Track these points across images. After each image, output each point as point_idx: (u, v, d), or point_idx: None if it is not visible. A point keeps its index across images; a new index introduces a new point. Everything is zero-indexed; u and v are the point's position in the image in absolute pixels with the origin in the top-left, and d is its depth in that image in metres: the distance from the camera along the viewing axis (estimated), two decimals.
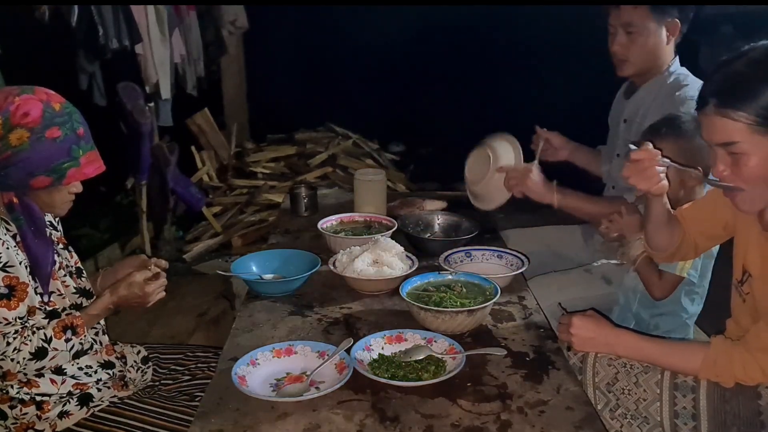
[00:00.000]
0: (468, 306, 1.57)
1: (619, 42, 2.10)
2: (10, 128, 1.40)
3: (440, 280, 1.74)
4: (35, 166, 1.43)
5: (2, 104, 1.40)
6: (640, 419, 1.49)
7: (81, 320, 1.54)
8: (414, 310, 1.59)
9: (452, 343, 1.48)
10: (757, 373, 1.36)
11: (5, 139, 1.40)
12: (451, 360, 1.43)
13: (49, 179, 1.45)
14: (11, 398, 1.52)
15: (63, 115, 1.45)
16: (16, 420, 1.53)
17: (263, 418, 1.27)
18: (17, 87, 1.45)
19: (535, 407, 1.30)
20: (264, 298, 1.78)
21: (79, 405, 1.59)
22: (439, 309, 1.55)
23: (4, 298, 1.42)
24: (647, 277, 1.81)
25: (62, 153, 1.45)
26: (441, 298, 1.62)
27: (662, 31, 2.07)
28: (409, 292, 1.66)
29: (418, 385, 1.35)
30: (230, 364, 1.40)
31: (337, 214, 2.24)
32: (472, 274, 1.76)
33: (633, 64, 2.12)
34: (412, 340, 1.52)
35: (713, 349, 1.41)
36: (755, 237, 1.45)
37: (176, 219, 4.30)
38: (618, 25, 2.09)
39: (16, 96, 1.42)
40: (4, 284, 1.42)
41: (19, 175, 1.43)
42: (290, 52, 5.66)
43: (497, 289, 1.65)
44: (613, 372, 1.52)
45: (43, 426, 1.55)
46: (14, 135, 1.40)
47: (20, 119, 1.40)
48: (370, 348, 1.48)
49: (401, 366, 1.42)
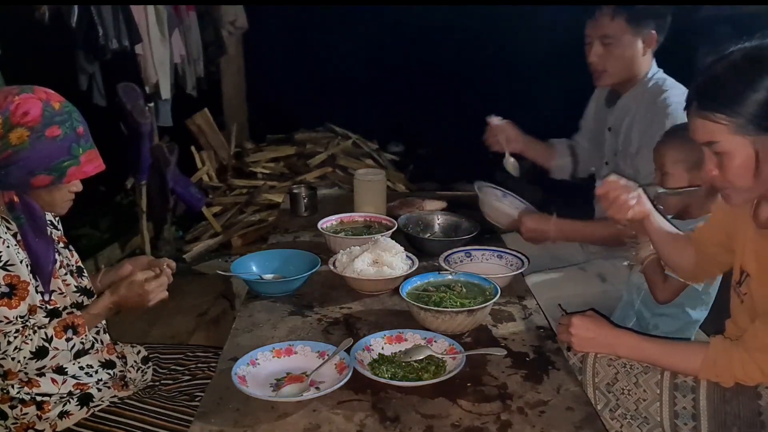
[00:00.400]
0: (468, 306, 1.57)
1: (596, 53, 2.11)
2: (10, 127, 1.40)
3: (440, 280, 1.74)
4: (36, 165, 1.43)
5: (2, 103, 1.40)
6: (640, 419, 1.49)
7: (82, 320, 1.54)
8: (414, 310, 1.59)
9: (452, 343, 1.48)
10: (756, 373, 1.36)
11: (5, 138, 1.40)
12: (451, 360, 1.43)
13: (49, 178, 1.46)
14: (11, 398, 1.52)
15: (63, 114, 1.45)
16: (17, 420, 1.53)
17: (263, 418, 1.27)
18: (16, 87, 1.45)
19: (535, 407, 1.30)
20: (264, 298, 1.78)
21: (80, 405, 1.58)
22: (439, 309, 1.55)
23: (5, 297, 1.42)
24: (653, 279, 1.81)
25: (62, 151, 1.45)
26: (441, 298, 1.62)
27: (638, 42, 2.08)
28: (409, 292, 1.66)
29: (418, 385, 1.35)
30: (230, 364, 1.40)
31: (337, 214, 2.24)
32: (472, 274, 1.76)
33: (610, 75, 2.14)
34: (412, 340, 1.52)
35: (712, 349, 1.41)
36: (751, 236, 1.46)
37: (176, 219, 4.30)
38: (595, 37, 2.11)
39: (15, 95, 1.42)
40: (4, 283, 1.42)
41: (20, 173, 1.43)
42: (290, 52, 5.66)
43: (497, 289, 1.65)
44: (612, 372, 1.52)
45: (44, 426, 1.55)
46: (14, 134, 1.40)
47: (20, 118, 1.40)
48: (370, 348, 1.48)
49: (401, 366, 1.42)
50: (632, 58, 2.10)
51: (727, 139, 1.30)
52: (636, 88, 2.15)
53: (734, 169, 1.32)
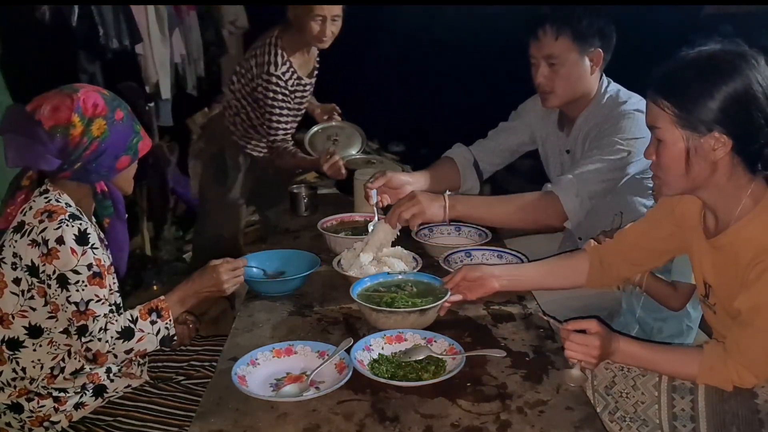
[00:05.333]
0: (420, 305, 1.58)
1: (542, 74, 2.04)
2: (88, 121, 1.50)
3: (390, 280, 1.74)
4: (119, 149, 1.56)
5: (69, 104, 1.49)
6: (639, 422, 1.49)
7: (166, 304, 1.60)
8: (366, 311, 1.59)
9: (452, 343, 1.48)
10: (750, 378, 1.36)
11: (88, 132, 1.50)
12: (451, 360, 1.43)
13: (128, 158, 1.60)
14: (29, 391, 1.54)
15: (114, 98, 1.58)
16: (32, 413, 1.55)
17: (263, 418, 1.27)
18: (60, 89, 1.53)
19: (535, 407, 1.30)
20: (264, 298, 1.79)
21: (94, 396, 1.61)
22: (392, 309, 1.55)
23: (98, 277, 1.50)
24: (660, 292, 1.80)
25: (130, 130, 1.59)
26: (392, 298, 1.62)
27: (585, 61, 2.02)
28: (359, 293, 1.65)
29: (418, 385, 1.35)
30: (230, 364, 1.40)
31: (337, 214, 2.24)
32: (422, 273, 1.77)
33: (558, 96, 2.07)
34: (411, 340, 1.52)
35: (706, 356, 1.39)
36: (704, 248, 1.48)
37: (176, 219, 4.30)
38: (540, 57, 2.04)
39: (74, 94, 1.51)
40: (96, 264, 1.50)
41: (108, 161, 1.55)
42: None
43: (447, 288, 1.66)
44: (611, 375, 1.52)
45: (59, 417, 1.57)
46: (95, 126, 1.51)
47: (93, 111, 1.51)
48: (370, 348, 1.48)
49: (401, 366, 1.42)
50: (579, 77, 2.04)
51: (667, 128, 1.36)
52: (590, 108, 2.09)
53: (666, 159, 1.38)
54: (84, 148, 1.50)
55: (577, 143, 2.13)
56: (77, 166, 1.52)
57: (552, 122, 2.26)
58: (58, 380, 1.56)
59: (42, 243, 1.45)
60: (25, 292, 1.50)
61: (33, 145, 1.48)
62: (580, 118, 2.12)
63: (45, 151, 1.48)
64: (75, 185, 1.57)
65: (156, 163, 3.58)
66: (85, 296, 1.48)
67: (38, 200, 1.51)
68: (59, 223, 1.46)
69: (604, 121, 2.03)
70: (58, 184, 1.55)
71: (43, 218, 1.47)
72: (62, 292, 1.47)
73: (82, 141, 1.50)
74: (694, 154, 1.34)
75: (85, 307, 1.47)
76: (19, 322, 1.52)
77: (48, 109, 1.48)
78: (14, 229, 1.50)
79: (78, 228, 1.48)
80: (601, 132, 2.01)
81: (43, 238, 1.45)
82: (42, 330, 1.52)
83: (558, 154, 2.25)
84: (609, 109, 2.05)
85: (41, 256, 1.46)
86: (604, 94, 2.09)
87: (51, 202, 1.50)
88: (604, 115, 2.05)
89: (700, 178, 1.37)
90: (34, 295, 1.50)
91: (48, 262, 1.45)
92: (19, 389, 1.55)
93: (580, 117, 2.12)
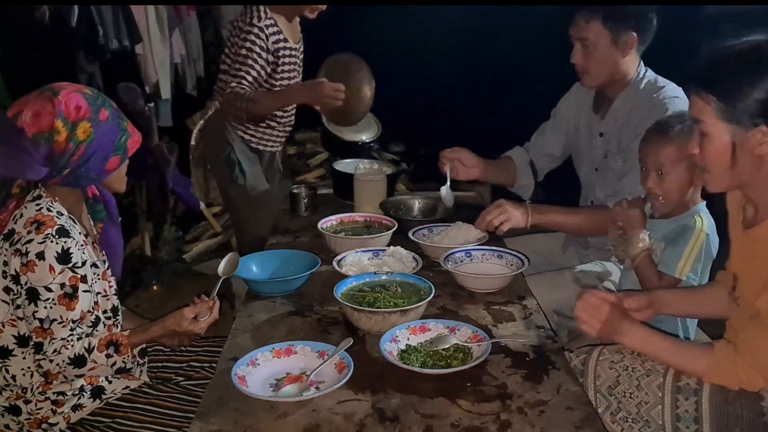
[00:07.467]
0: (402, 306, 1.58)
1: (577, 55, 2.11)
2: (72, 126, 1.45)
3: (376, 280, 1.74)
4: (106, 150, 1.51)
5: (51, 109, 1.43)
6: (642, 422, 1.48)
7: (126, 339, 1.54)
8: (348, 311, 1.60)
9: (476, 330, 1.52)
10: (759, 379, 1.34)
11: (74, 136, 1.45)
12: (477, 347, 1.46)
13: (118, 157, 1.54)
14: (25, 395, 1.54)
15: (98, 97, 1.52)
16: (30, 415, 1.54)
17: (263, 418, 1.27)
18: (40, 91, 1.47)
19: (535, 407, 1.30)
20: (264, 298, 1.78)
21: (92, 398, 1.60)
22: (372, 309, 1.55)
23: (67, 298, 1.45)
24: (646, 276, 1.77)
25: (117, 129, 1.53)
26: (375, 298, 1.62)
27: (618, 44, 2.06)
28: (344, 293, 1.66)
29: (449, 372, 1.37)
30: (230, 364, 1.40)
31: (337, 214, 2.24)
32: (408, 274, 1.77)
33: (593, 76, 2.13)
34: (435, 330, 1.54)
35: (716, 354, 1.39)
36: (739, 239, 1.47)
37: (176, 219, 4.30)
38: (576, 38, 2.10)
39: (53, 97, 1.44)
40: (69, 284, 1.45)
41: (98, 163, 1.50)
42: None
43: (432, 288, 1.66)
44: (614, 375, 1.52)
45: (57, 419, 1.56)
46: (79, 130, 1.46)
47: (76, 114, 1.45)
48: (396, 339, 1.50)
49: (430, 355, 1.44)
50: (612, 60, 2.07)
51: (711, 121, 1.33)
52: (628, 90, 2.13)
53: (710, 153, 1.36)
54: (71, 154, 1.45)
55: (613, 126, 2.16)
56: (66, 172, 1.47)
57: (587, 107, 2.29)
58: (54, 385, 1.55)
59: (24, 254, 1.42)
60: (13, 301, 1.47)
61: (18, 154, 1.42)
62: (617, 99, 2.16)
63: (31, 160, 1.43)
64: (67, 190, 1.53)
65: (156, 163, 3.58)
66: (51, 315, 1.44)
67: (30, 207, 1.47)
68: (44, 238, 1.42)
69: (641, 106, 2.06)
70: (51, 189, 1.51)
71: (31, 229, 1.43)
72: (29, 305, 1.43)
73: (68, 147, 1.45)
74: (740, 149, 1.31)
75: (48, 325, 1.44)
76: (9, 331, 1.50)
77: (29, 116, 1.42)
78: (4, 237, 1.47)
79: (62, 246, 1.44)
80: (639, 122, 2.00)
81: (26, 249, 1.42)
82: (30, 339, 1.49)
83: (589, 137, 2.27)
84: (647, 93, 2.07)
85: (21, 266, 1.42)
86: (642, 79, 2.12)
87: (42, 210, 1.46)
88: (643, 98, 2.08)
89: (745, 173, 1.34)
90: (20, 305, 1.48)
91: (23, 273, 1.42)
92: (16, 392, 1.54)
93: (617, 99, 2.16)
